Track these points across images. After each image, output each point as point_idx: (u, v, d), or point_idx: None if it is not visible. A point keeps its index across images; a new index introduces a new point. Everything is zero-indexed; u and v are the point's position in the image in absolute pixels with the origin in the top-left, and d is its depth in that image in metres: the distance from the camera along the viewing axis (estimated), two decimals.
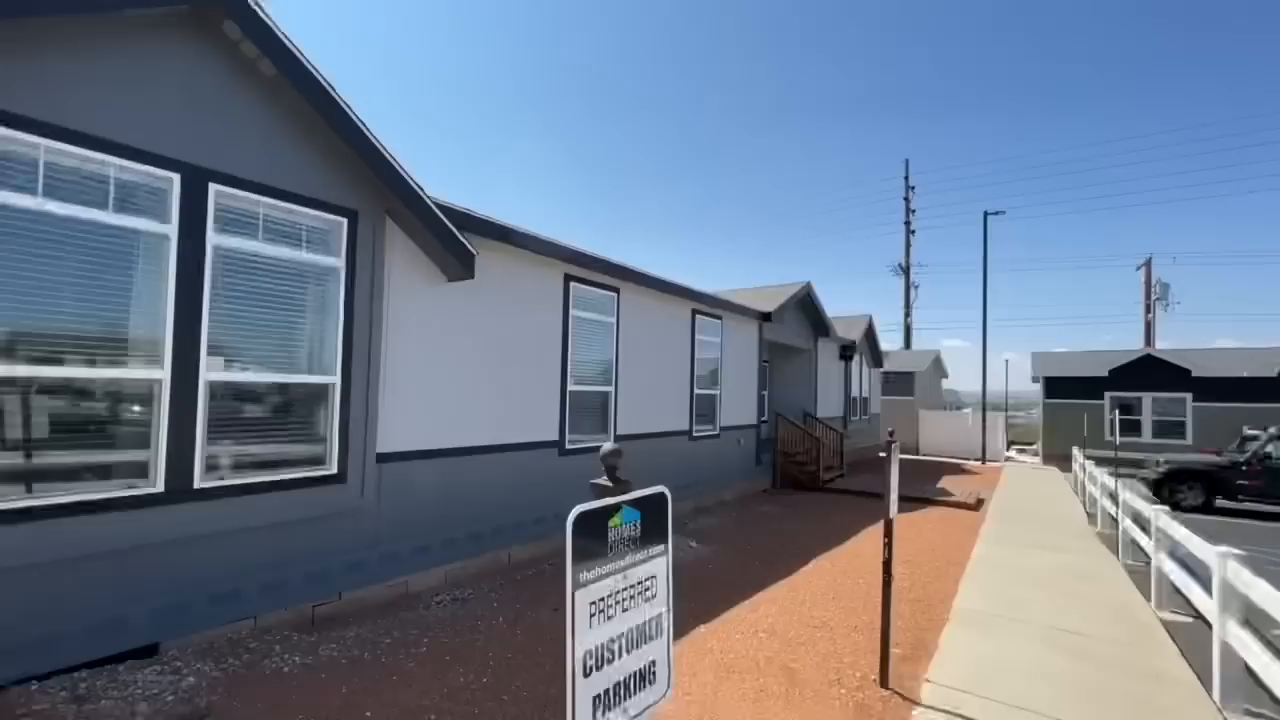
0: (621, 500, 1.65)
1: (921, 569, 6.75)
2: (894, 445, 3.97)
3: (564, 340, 7.29)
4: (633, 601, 1.66)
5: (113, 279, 3.70)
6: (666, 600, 1.82)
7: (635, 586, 1.68)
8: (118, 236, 3.71)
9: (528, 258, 6.75)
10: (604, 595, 1.56)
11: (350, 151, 4.73)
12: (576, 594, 1.49)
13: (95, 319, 3.63)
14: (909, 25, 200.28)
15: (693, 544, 7.43)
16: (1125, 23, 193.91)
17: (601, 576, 1.57)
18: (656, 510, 1.78)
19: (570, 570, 1.48)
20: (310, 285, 4.75)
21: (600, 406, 7.99)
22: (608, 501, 1.62)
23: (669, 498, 1.85)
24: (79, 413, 3.62)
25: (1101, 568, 7.12)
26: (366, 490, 5.03)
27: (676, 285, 9.40)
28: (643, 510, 1.71)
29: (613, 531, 1.60)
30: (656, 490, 1.80)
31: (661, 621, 1.81)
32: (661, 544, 1.81)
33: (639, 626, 1.69)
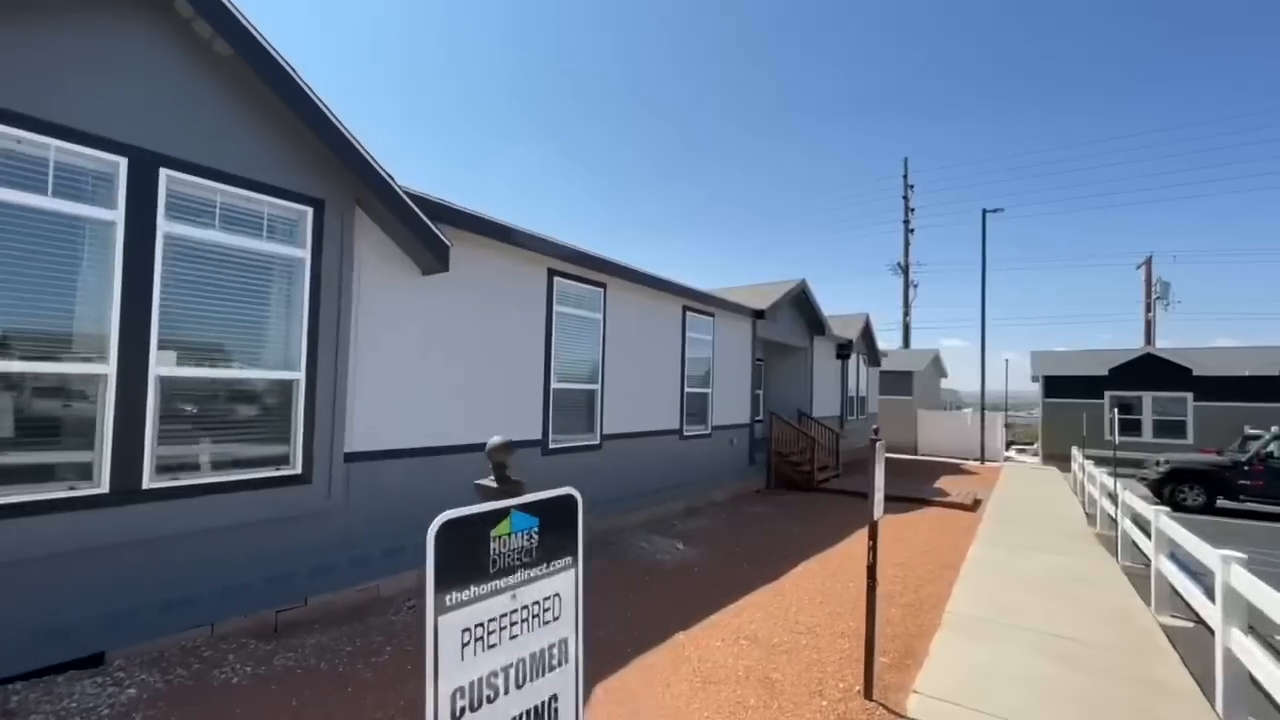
0: (509, 505, 1.37)
1: (915, 571, 6.54)
2: (879, 445, 3.77)
3: (547, 337, 7.10)
4: (526, 626, 1.39)
5: (52, 268, 3.50)
6: (575, 623, 1.56)
7: (530, 608, 1.40)
8: (58, 223, 3.51)
9: (509, 251, 6.55)
10: (483, 620, 1.28)
11: (314, 138, 4.54)
12: (441, 620, 1.20)
13: (32, 310, 3.44)
14: (908, 26, 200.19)
15: (679, 546, 7.23)
16: (1123, 22, 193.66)
17: (480, 597, 1.28)
18: (562, 516, 1.51)
19: (431, 592, 1.19)
20: (273, 277, 4.55)
21: (586, 405, 7.79)
22: (487, 507, 1.34)
23: (579, 500, 1.58)
24: (15, 410, 3.42)
25: (1100, 570, 6.92)
26: (334, 490, 4.83)
27: (666, 281, 9.20)
28: (543, 516, 1.43)
29: (498, 543, 1.32)
30: (562, 492, 1.53)
31: (567, 648, 1.53)
32: (568, 556, 1.53)
33: (535, 655, 1.41)
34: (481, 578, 1.30)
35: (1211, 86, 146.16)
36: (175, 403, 4.01)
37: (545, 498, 1.46)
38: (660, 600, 5.26)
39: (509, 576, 1.36)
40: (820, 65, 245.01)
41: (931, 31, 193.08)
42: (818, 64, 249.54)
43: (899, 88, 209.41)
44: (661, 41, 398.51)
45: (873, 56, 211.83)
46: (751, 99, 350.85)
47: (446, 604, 1.21)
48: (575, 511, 1.55)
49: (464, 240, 5.98)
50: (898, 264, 35.35)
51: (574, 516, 1.54)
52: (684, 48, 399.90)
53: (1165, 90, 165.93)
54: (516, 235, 6.40)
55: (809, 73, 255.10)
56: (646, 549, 7.00)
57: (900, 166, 36.58)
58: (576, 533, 1.55)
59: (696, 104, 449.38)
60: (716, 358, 10.93)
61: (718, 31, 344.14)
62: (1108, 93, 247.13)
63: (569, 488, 1.54)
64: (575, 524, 1.55)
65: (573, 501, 1.54)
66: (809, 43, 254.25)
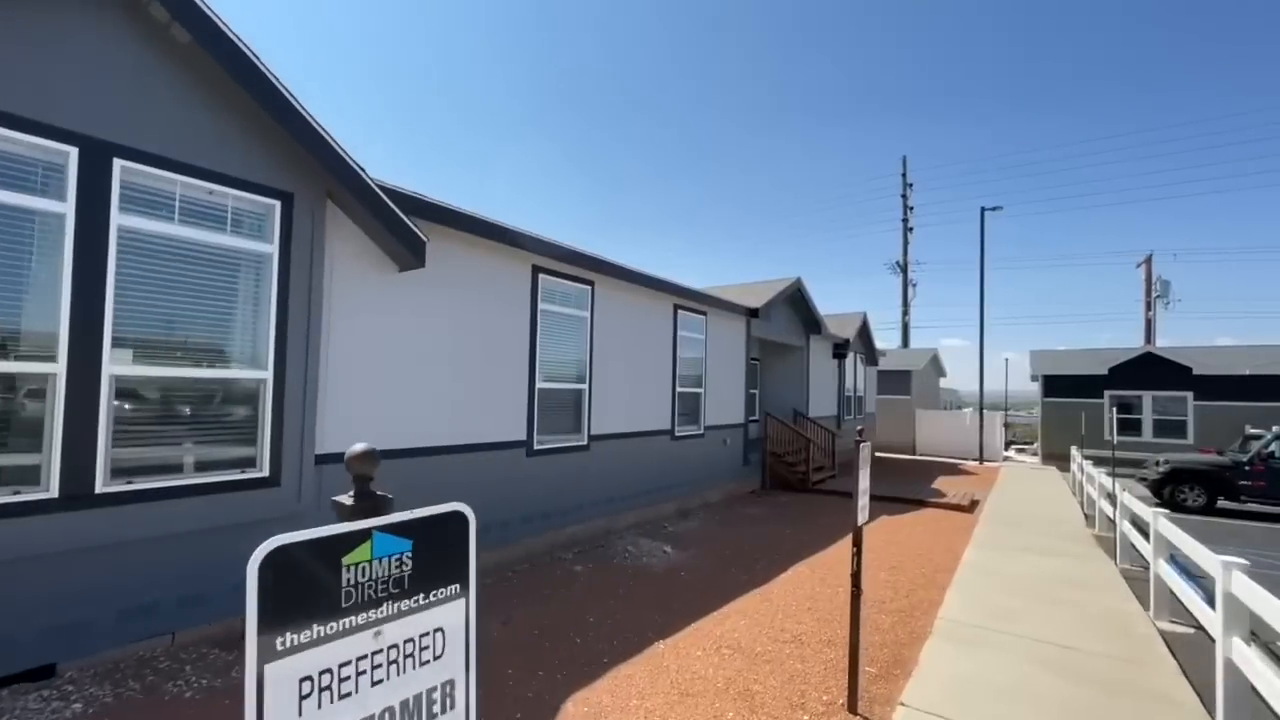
0: (369, 526, 1.11)
1: (907, 575, 6.38)
2: (865, 446, 3.61)
3: (532, 335, 6.93)
4: (395, 669, 1.16)
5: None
6: (464, 662, 1.30)
7: (400, 648, 1.17)
8: (3, 215, 3.35)
9: (491, 248, 6.39)
10: (332, 665, 1.05)
11: (281, 129, 4.38)
12: (268, 669, 0.97)
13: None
14: (907, 26, 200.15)
15: (667, 549, 7.06)
16: (1121, 23, 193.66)
17: (326, 638, 1.04)
18: (447, 537, 1.27)
19: (253, 637, 0.95)
20: (239, 272, 4.39)
21: (573, 405, 7.63)
22: (336, 530, 1.08)
23: (470, 519, 1.31)
24: None
25: (1097, 574, 6.75)
26: (304, 493, 4.67)
27: (656, 279, 9.04)
28: (419, 538, 1.20)
29: (354, 571, 1.09)
30: (447, 509, 1.28)
31: (454, 692, 1.26)
32: (455, 583, 1.28)
33: (409, 703, 1.17)
34: (329, 614, 1.06)
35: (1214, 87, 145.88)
36: (132, 403, 3.85)
37: (422, 516, 1.23)
38: (643, 606, 5.10)
39: (370, 611, 1.12)
40: (819, 65, 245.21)
41: (930, 32, 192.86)
42: (817, 64, 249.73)
43: (898, 88, 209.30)
44: (661, 42, 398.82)
45: (871, 57, 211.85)
46: (751, 99, 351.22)
47: (277, 649, 0.98)
48: (465, 532, 1.31)
49: (443, 236, 5.82)
50: (896, 263, 35.18)
51: (463, 537, 1.31)
52: (684, 48, 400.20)
53: (1165, 91, 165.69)
54: (498, 231, 6.24)
55: (808, 73, 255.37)
56: (633, 552, 6.84)
57: (899, 165, 36.39)
58: (467, 556, 1.30)
59: (696, 104, 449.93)
60: (709, 357, 10.77)
61: (718, 31, 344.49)
62: (1106, 93, 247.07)
63: (458, 504, 1.32)
64: (465, 546, 1.31)
65: (461, 520, 1.31)
66: (809, 43, 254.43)
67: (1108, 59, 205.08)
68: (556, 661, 3.97)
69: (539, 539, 6.88)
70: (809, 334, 15.32)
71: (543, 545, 6.91)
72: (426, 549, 1.23)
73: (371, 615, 1.13)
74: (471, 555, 1.32)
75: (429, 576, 1.23)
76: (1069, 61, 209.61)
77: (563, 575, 6.01)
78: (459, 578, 1.29)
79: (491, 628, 4.49)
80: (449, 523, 1.29)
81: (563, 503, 7.30)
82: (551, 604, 5.12)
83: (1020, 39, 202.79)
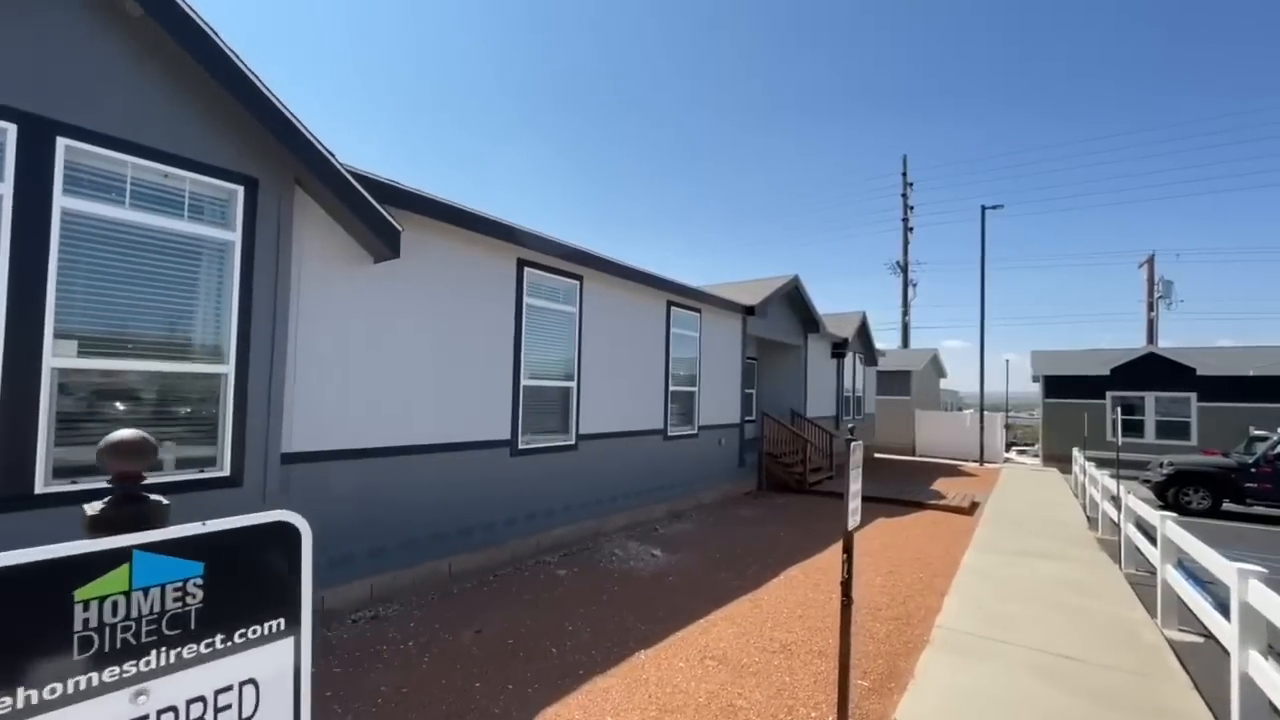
0: (126, 545, 0.83)
1: (904, 580, 6.15)
2: (855, 446, 3.38)
3: (517, 331, 6.71)
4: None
5: None
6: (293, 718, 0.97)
7: (181, 711, 0.85)
8: None
9: (474, 240, 6.17)
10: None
11: (244, 111, 4.15)
12: None
13: None
14: (901, 25, 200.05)
15: (656, 552, 6.83)
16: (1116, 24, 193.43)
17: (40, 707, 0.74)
18: (264, 558, 0.96)
19: None
20: (199, 261, 4.16)
21: (561, 404, 7.40)
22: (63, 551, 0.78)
23: (303, 532, 1.01)
24: None
25: (1102, 579, 6.52)
26: (269, 494, 4.44)
27: (648, 275, 8.81)
28: (215, 560, 0.90)
29: (94, 608, 0.79)
30: (264, 519, 0.98)
31: None
32: (277, 619, 0.96)
33: None
34: (50, 672, 0.75)
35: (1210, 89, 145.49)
36: (77, 398, 3.62)
37: (221, 530, 0.94)
38: (626, 613, 4.87)
39: (128, 663, 0.81)
40: (814, 64, 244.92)
41: (924, 31, 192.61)
42: (811, 63, 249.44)
43: (893, 87, 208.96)
44: (656, 41, 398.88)
45: (866, 56, 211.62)
46: (746, 98, 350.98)
47: None
48: (296, 549, 0.99)
49: (421, 226, 5.60)
50: (896, 263, 34.94)
51: (292, 557, 0.98)
52: (679, 48, 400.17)
53: (1166, 91, 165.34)
54: (479, 222, 6.02)
55: (803, 72, 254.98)
56: (620, 556, 6.61)
57: (898, 164, 36.14)
58: (298, 581, 0.99)
59: (692, 104, 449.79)
60: (704, 355, 10.54)
61: (712, 31, 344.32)
62: (1104, 94, 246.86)
63: (285, 512, 1.01)
64: (295, 568, 0.99)
65: (289, 535, 0.99)
66: (803, 43, 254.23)
67: (1102, 58, 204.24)
68: (529, 674, 3.74)
69: (524, 541, 6.66)
70: (807, 333, 15.10)
71: (528, 548, 6.68)
72: (230, 574, 0.92)
73: (129, 669, 0.82)
74: (305, 580, 1.01)
75: (233, 611, 0.92)
76: (1064, 61, 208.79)
77: (546, 579, 5.79)
78: (283, 611, 0.98)
79: (464, 637, 4.26)
80: (267, 538, 0.98)
81: (549, 504, 7.07)
82: (531, 610, 4.89)
83: (1015, 38, 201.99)
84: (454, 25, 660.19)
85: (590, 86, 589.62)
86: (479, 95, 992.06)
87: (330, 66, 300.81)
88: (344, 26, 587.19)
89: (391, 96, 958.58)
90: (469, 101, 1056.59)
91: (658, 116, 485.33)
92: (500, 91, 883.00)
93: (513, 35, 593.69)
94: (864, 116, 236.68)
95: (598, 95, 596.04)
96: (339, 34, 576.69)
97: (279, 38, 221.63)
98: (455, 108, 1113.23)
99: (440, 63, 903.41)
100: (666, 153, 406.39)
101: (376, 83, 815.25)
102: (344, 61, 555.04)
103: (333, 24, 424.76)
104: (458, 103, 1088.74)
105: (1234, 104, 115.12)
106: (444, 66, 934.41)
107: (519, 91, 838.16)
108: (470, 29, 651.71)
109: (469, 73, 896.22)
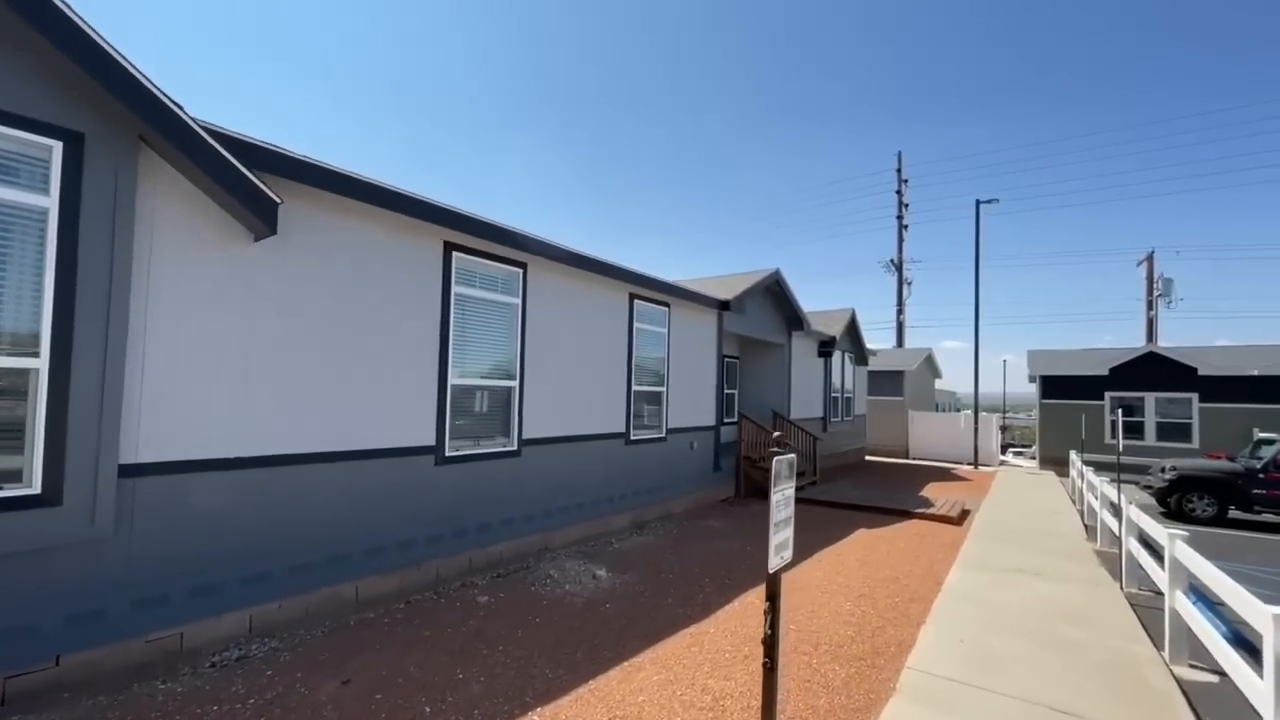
0: None
1: (877, 605, 5.40)
2: (780, 460, 2.63)
3: (444, 323, 5.95)
4: None
5: None
6: None
7: None
8: None
9: (383, 217, 5.41)
10: None
11: (61, 56, 3.39)
12: None
13: None
14: (894, 26, 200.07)
15: (600, 572, 6.07)
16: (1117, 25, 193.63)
17: None
18: None
19: None
20: (6, 232, 3.41)
21: (501, 405, 6.65)
22: None
23: None
24: None
25: (1102, 603, 5.77)
26: (100, 515, 3.68)
27: (607, 264, 8.06)
28: None
29: None
30: None
31: None
32: None
33: None
34: None
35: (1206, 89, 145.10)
36: None
37: None
38: (539, 654, 4.11)
39: None
40: (809, 67, 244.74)
41: (919, 33, 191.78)
42: (802, 67, 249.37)
43: (888, 88, 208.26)
44: (654, 42, 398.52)
45: (862, 58, 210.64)
46: (743, 101, 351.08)
47: None
48: None
49: (316, 200, 4.86)
50: (890, 261, 34.16)
51: None
52: (676, 49, 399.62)
53: (1164, 90, 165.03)
54: (385, 196, 5.25)
55: (800, 74, 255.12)
56: (556, 578, 5.85)
57: (892, 164, 35.35)
58: None
59: (689, 105, 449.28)
60: (674, 353, 9.79)
61: (708, 36, 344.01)
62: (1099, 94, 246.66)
63: None
64: None
65: None
66: (794, 43, 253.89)
67: (1092, 58, 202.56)
68: None
69: (450, 561, 5.90)
70: (790, 331, 14.36)
71: (455, 568, 5.93)
72: None
73: None
74: None
75: None
76: (1062, 61, 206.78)
77: (462, 607, 5.03)
78: None
79: (323, 691, 3.49)
80: None
81: (484, 518, 6.32)
82: (425, 650, 4.13)
83: (1011, 37, 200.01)
84: (450, 27, 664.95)
85: (595, 90, 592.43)
86: (479, 97, 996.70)
87: (333, 63, 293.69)
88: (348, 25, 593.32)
89: (390, 97, 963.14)
90: (465, 105, 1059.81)
91: (653, 117, 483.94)
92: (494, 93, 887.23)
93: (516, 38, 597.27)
94: (861, 118, 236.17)
95: (588, 97, 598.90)
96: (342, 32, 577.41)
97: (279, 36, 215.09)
98: (451, 110, 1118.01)
99: (437, 67, 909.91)
100: (663, 152, 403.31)
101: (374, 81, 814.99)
102: (346, 59, 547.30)
103: (334, 18, 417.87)
104: (455, 106, 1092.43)
105: (1234, 101, 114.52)
106: (442, 70, 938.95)
107: (525, 95, 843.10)
108: (466, 31, 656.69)
109: (467, 74, 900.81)
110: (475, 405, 6.34)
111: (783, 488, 2.62)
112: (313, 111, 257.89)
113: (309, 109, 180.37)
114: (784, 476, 2.62)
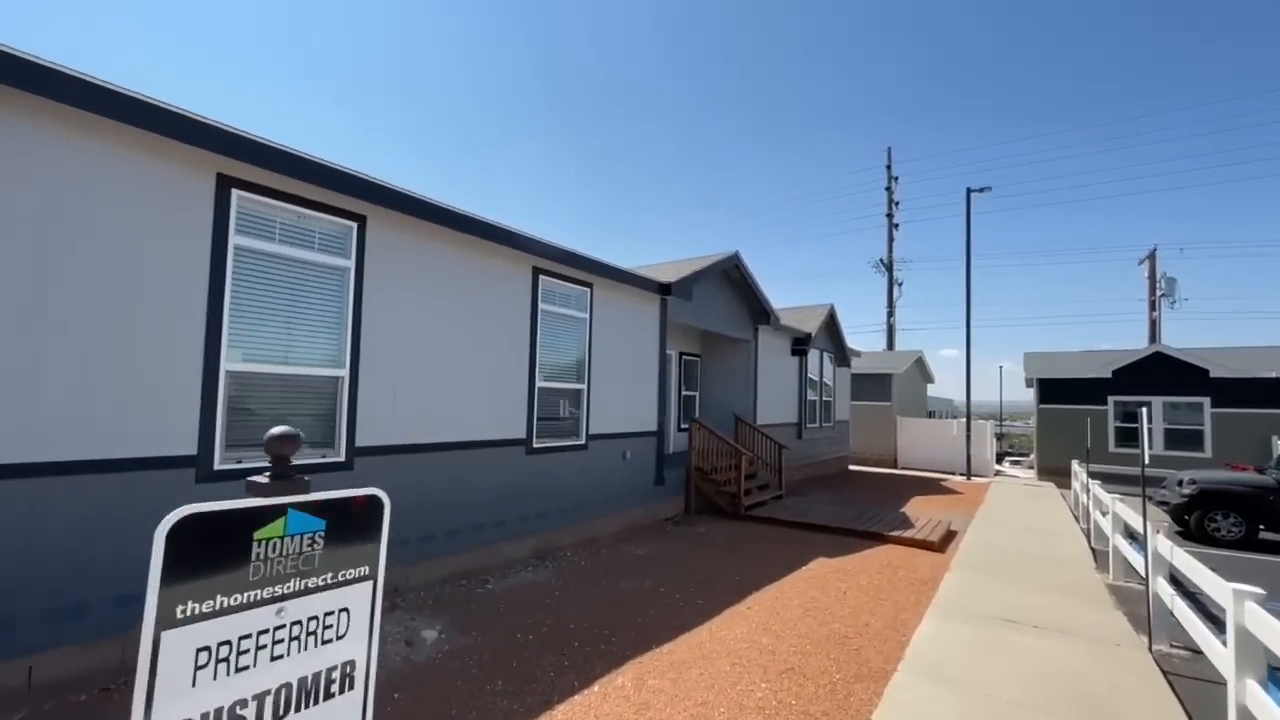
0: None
1: (803, 692, 3.72)
2: None
3: (214, 290, 4.29)
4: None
5: None
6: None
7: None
8: None
9: (125, 136, 3.78)
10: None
11: None
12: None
13: None
14: (892, 26, 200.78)
15: (427, 634, 4.34)
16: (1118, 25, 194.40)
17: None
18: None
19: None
20: None
21: (324, 404, 4.97)
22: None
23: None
24: None
25: (1127, 676, 4.11)
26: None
27: (496, 228, 6.44)
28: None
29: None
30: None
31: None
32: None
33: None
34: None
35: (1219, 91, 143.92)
36: None
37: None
38: None
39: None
40: (806, 68, 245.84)
41: (916, 33, 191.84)
42: (802, 67, 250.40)
43: (885, 89, 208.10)
44: (653, 44, 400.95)
45: (856, 58, 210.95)
46: (740, 101, 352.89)
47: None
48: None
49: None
50: (880, 260, 32.65)
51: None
52: (675, 51, 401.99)
53: (1166, 91, 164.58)
54: (117, 102, 3.60)
55: (796, 75, 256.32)
56: None
57: (887, 166, 33.90)
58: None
59: (688, 106, 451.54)
60: (600, 344, 8.15)
61: (705, 37, 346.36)
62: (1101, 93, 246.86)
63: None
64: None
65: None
66: (792, 43, 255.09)
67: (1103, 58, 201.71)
68: None
69: None
70: (756, 325, 12.74)
71: None
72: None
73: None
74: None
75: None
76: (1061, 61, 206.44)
77: None
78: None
79: None
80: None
81: None
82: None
83: (1009, 37, 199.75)
84: (450, 37, 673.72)
85: (593, 91, 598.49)
86: (479, 95, 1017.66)
87: (341, 68, 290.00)
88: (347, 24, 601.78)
89: (387, 99, 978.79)
90: (468, 103, 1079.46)
91: (651, 118, 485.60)
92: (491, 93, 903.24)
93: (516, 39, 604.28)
94: (858, 120, 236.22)
95: (602, 99, 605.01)
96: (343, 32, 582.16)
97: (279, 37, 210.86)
98: (452, 108, 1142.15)
99: (439, 68, 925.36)
100: (664, 155, 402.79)
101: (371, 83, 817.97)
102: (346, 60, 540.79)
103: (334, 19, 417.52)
104: (456, 103, 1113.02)
105: (1234, 99, 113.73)
106: (444, 71, 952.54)
107: (525, 97, 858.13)
108: (466, 42, 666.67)
109: (467, 77, 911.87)
110: (277, 404, 4.66)
111: None
112: (313, 112, 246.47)
113: (309, 109, 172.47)
114: None
